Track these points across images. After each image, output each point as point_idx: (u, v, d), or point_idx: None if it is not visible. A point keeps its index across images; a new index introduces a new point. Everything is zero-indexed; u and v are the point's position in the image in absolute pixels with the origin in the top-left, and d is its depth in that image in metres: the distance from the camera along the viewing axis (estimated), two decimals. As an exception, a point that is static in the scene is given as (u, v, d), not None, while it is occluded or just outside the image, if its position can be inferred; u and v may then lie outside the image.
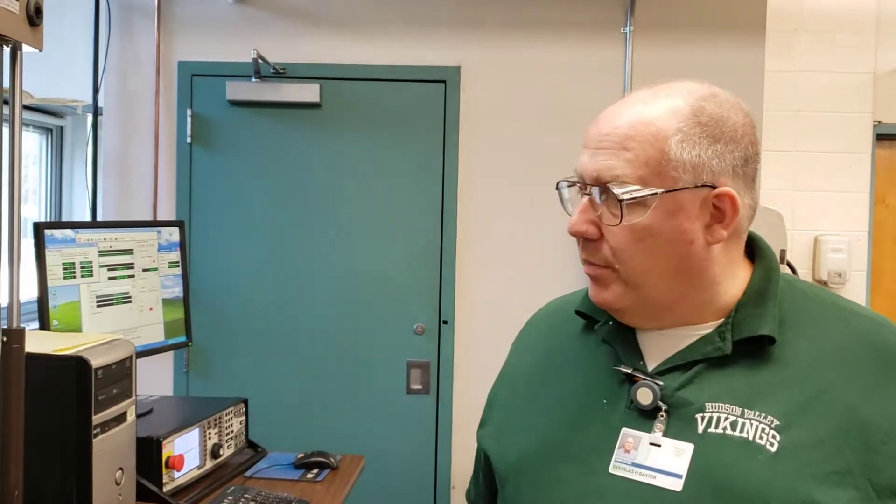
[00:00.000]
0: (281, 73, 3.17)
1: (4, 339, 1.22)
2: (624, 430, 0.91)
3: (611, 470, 0.89)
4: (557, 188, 0.98)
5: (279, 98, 3.13)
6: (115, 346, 1.48)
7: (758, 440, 0.84)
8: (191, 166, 3.22)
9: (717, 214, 0.89)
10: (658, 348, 0.95)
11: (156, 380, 3.23)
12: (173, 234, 2.16)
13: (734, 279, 0.93)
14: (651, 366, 0.94)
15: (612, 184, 0.88)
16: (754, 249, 0.98)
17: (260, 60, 3.09)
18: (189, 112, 3.19)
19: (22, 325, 1.25)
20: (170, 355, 3.25)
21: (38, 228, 1.73)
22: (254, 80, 3.14)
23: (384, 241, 3.20)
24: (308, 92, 3.14)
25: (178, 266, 2.16)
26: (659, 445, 0.88)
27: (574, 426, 0.95)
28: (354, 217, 3.21)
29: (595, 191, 0.90)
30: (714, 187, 0.88)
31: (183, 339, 2.17)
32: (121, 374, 1.46)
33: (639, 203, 0.87)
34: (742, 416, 0.86)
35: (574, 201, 0.95)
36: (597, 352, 1.00)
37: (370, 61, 3.20)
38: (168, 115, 3.22)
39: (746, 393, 0.87)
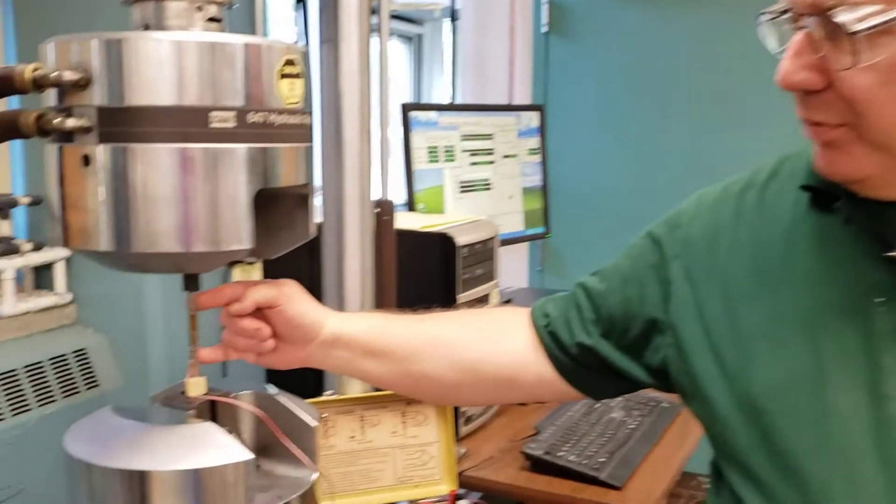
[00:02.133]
0: (642, -53, 2.90)
1: (377, 210, 1.22)
2: None
3: None
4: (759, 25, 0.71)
5: (640, -25, 2.88)
6: (479, 226, 1.44)
7: None
8: (546, 57, 3.13)
9: None
10: None
11: (510, 276, 3.28)
12: (532, 119, 2.09)
13: None
14: None
15: (837, 9, 0.62)
16: None
17: (620, -66, 2.85)
18: (544, 0, 3.08)
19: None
20: (524, 253, 3.27)
21: (405, 109, 1.74)
22: (613, -43, 2.92)
23: (762, 134, 2.84)
24: (674, -35, 2.85)
25: (537, 153, 2.10)
26: None
27: (839, 339, 0.71)
28: (727, 106, 2.88)
29: (812, 22, 0.65)
30: None
31: (541, 229, 2.12)
32: (484, 255, 1.42)
33: (882, 31, 0.62)
34: None
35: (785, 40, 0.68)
36: (842, 237, 0.74)
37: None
38: (523, 6, 3.14)
39: None
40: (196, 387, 0.83)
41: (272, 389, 0.89)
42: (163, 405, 0.84)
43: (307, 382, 1.28)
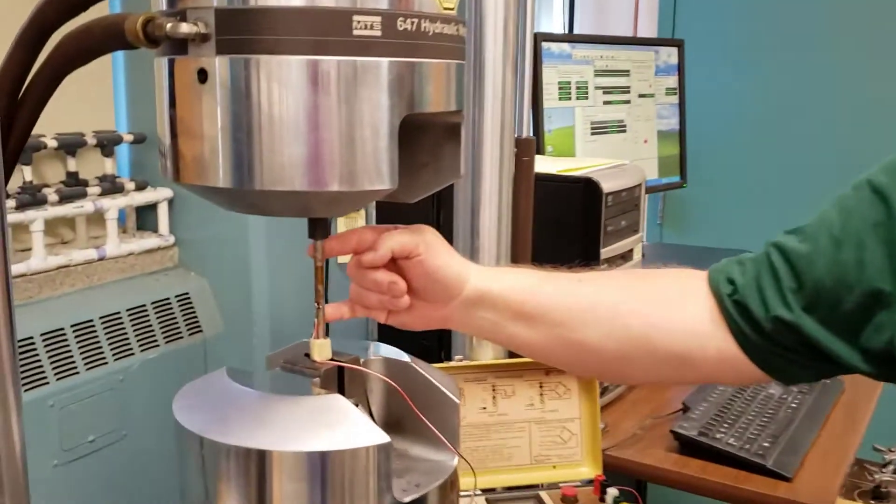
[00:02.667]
0: None
1: (515, 150, 1.09)
2: None
3: None
4: None
5: None
6: (625, 171, 1.29)
7: None
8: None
9: None
10: None
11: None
12: (671, 55, 1.90)
13: None
14: None
15: None
16: None
17: None
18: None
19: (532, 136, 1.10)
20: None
21: (536, 40, 1.58)
22: None
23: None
24: None
25: (675, 93, 1.91)
26: None
27: None
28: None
29: None
30: None
31: (677, 178, 1.94)
32: (630, 204, 1.27)
33: None
34: None
35: None
36: None
37: None
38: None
39: None
40: (322, 350, 0.72)
41: (392, 351, 0.78)
42: (283, 370, 0.73)
43: (429, 344, 1.17)
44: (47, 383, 1.26)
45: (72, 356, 1.31)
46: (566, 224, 1.21)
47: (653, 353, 0.78)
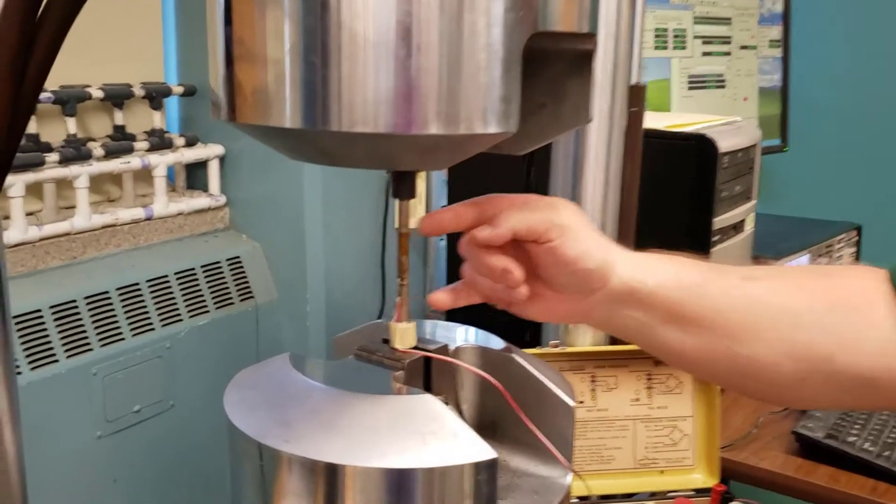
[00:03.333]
0: None
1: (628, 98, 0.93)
2: None
3: None
4: None
5: None
6: (741, 129, 1.13)
7: None
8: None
9: None
10: None
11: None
12: (776, 2, 1.71)
13: None
14: None
15: None
16: None
17: None
18: None
19: (643, 82, 0.95)
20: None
21: (632, -20, 1.42)
22: None
23: None
24: None
25: (779, 46, 1.72)
26: None
27: None
28: None
29: None
30: None
31: (777, 142, 1.77)
32: (745, 167, 1.11)
33: None
34: None
35: None
36: None
37: None
38: None
39: None
40: (406, 336, 0.59)
41: (477, 335, 0.65)
42: (357, 358, 0.60)
43: (506, 320, 1.03)
44: (91, 349, 1.18)
45: (117, 321, 1.22)
46: (673, 188, 1.06)
47: (833, 376, 0.62)
